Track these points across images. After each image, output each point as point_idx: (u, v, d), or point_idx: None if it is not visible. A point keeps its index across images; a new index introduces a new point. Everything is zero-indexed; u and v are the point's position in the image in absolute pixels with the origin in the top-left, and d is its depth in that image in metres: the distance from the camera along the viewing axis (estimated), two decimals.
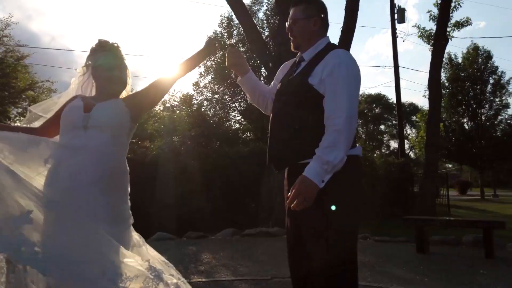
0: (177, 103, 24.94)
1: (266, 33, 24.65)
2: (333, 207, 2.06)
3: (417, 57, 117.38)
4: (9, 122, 19.72)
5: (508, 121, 31.83)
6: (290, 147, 2.23)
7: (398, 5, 20.25)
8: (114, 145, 2.23)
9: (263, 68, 23.88)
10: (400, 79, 18.51)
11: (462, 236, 7.54)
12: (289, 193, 2.06)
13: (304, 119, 2.20)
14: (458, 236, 7.58)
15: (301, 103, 2.21)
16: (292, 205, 2.04)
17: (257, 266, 5.56)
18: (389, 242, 7.73)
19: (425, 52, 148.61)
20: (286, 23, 2.43)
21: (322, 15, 2.38)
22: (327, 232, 2.08)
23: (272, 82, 2.67)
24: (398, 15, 19.98)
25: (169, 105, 24.71)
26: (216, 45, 2.56)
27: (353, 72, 2.19)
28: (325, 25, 2.41)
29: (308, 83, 2.19)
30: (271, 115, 2.44)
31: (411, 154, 40.46)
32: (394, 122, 45.48)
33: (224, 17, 26.16)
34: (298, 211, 2.08)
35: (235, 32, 25.91)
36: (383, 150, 48.83)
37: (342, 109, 2.08)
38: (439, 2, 14.00)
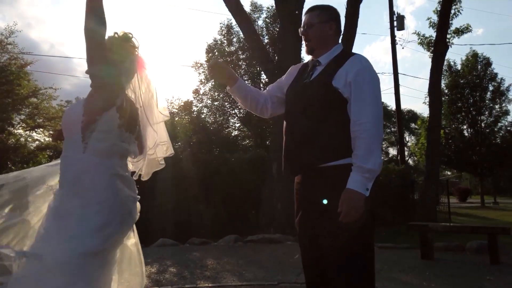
0: (177, 110, 24.94)
1: (266, 41, 24.73)
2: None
3: (414, 64, 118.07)
4: (12, 129, 19.70)
5: (508, 128, 31.90)
6: (310, 151, 2.22)
7: (397, 13, 20.28)
8: (72, 147, 2.13)
9: (263, 74, 24.01)
10: (400, 86, 18.54)
11: (466, 242, 7.51)
12: (339, 209, 2.05)
13: (325, 122, 2.20)
14: (462, 243, 7.55)
15: (323, 105, 2.21)
16: (346, 219, 2.05)
17: (263, 272, 5.53)
18: (393, 249, 7.69)
19: (422, 59, 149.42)
20: (300, 29, 2.44)
21: (336, 21, 2.41)
22: (347, 230, 2.09)
23: (274, 85, 2.64)
24: (397, 22, 20.07)
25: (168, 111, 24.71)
26: None
27: (376, 77, 2.23)
28: (338, 31, 2.44)
29: (333, 86, 2.20)
30: (288, 118, 2.41)
31: (410, 161, 40.51)
32: (393, 129, 45.55)
33: (224, 24, 26.28)
34: (318, 214, 2.12)
35: (234, 40, 26.01)
36: (382, 157, 48.87)
37: (369, 114, 2.11)
38: (438, 9, 14.11)
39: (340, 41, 2.47)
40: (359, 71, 2.18)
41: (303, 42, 2.45)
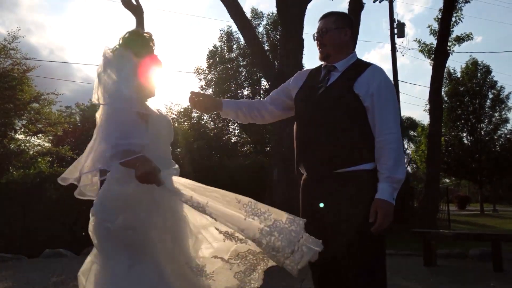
0: (176, 116, 24.87)
1: (266, 47, 24.76)
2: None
3: (413, 71, 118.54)
4: (14, 134, 19.66)
5: (508, 136, 31.94)
6: (328, 156, 2.21)
7: (397, 20, 20.32)
8: None
9: (263, 81, 24.07)
10: (400, 94, 18.57)
11: (467, 249, 7.50)
12: (371, 219, 2.11)
13: (344, 127, 2.21)
14: (464, 250, 7.54)
15: (343, 110, 2.21)
16: (380, 228, 2.11)
17: (266, 278, 5.47)
18: (395, 255, 7.65)
19: (421, 66, 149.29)
20: (314, 34, 2.42)
21: (351, 28, 2.41)
22: (366, 235, 2.13)
23: (279, 89, 2.60)
24: (397, 29, 20.10)
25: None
26: None
27: (394, 88, 2.30)
28: (353, 38, 2.44)
29: (354, 92, 2.21)
30: (304, 122, 2.37)
31: (409, 169, 40.50)
32: None
33: (224, 31, 26.29)
34: (335, 220, 2.16)
35: (234, 46, 26.03)
36: None
37: (393, 125, 2.18)
38: (439, 17, 14.15)
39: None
40: (381, 83, 2.21)
41: (317, 48, 2.41)
